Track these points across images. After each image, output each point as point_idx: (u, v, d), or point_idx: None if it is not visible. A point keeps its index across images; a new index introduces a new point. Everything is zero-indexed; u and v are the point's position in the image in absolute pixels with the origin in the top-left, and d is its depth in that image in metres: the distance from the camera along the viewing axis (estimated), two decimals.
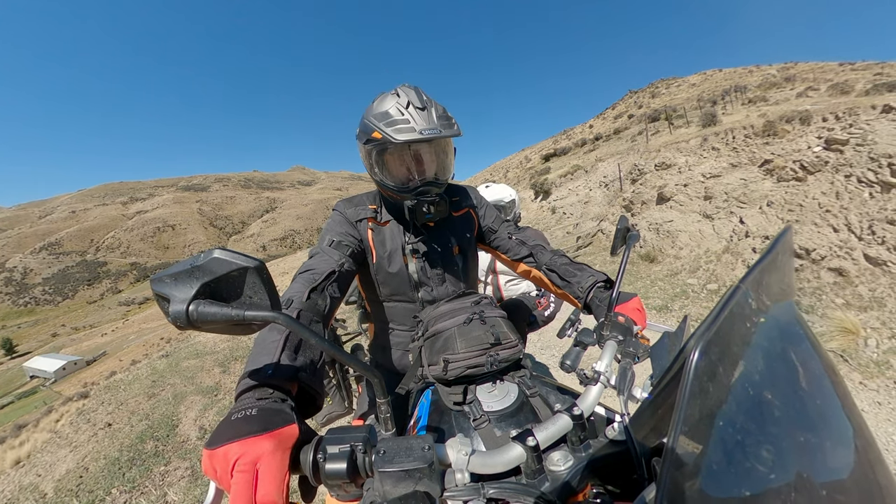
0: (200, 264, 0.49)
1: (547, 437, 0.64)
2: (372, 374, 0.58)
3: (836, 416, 0.44)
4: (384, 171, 1.12)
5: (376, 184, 1.20)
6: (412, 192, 1.11)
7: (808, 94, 15.95)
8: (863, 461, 0.42)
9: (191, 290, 0.48)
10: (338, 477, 0.52)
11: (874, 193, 5.25)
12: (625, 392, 0.67)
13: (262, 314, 0.50)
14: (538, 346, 4.82)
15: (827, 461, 0.41)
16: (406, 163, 1.12)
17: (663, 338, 0.72)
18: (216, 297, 0.50)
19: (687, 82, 49.06)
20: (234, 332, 0.53)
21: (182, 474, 3.43)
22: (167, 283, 0.49)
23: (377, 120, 1.04)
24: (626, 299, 0.96)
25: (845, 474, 0.41)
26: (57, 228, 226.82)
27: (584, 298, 1.08)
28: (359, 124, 1.13)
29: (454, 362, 0.88)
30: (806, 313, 4.36)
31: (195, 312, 0.48)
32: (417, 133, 1.00)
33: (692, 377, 0.36)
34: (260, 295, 0.52)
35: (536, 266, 1.27)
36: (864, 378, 3.21)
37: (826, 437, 0.42)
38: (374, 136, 1.04)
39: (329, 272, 0.97)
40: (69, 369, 61.18)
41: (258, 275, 0.51)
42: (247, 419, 0.52)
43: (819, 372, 0.46)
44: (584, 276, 1.12)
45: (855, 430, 0.43)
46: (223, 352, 6.88)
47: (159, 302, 0.50)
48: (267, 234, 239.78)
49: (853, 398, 0.47)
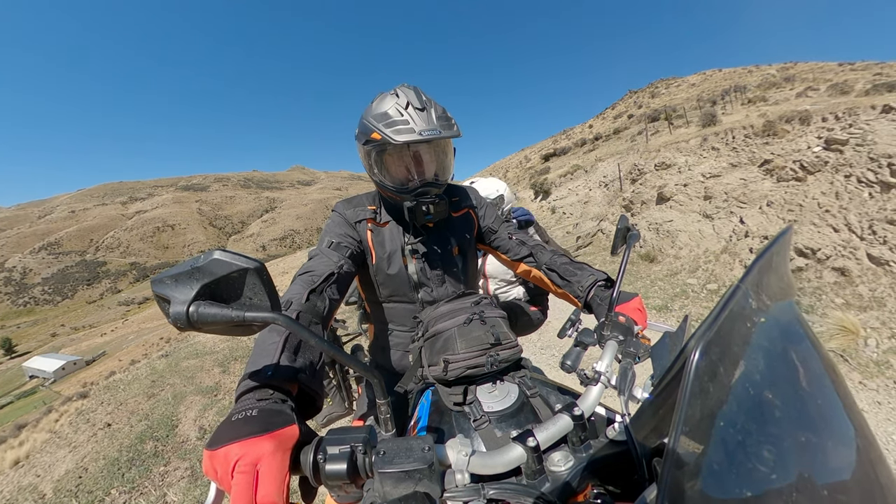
0: (201, 265, 0.49)
1: (547, 437, 0.63)
2: (372, 375, 0.58)
3: (837, 416, 0.44)
4: (383, 172, 1.12)
5: (375, 184, 1.19)
6: (411, 192, 1.10)
7: (808, 94, 15.97)
8: (864, 461, 0.42)
9: (191, 292, 0.48)
10: (338, 478, 0.52)
11: (874, 193, 5.25)
12: (625, 392, 0.66)
13: (262, 315, 0.50)
14: (538, 347, 4.81)
15: (828, 461, 0.41)
16: (405, 163, 1.11)
17: (664, 338, 0.72)
18: (216, 298, 0.50)
19: (686, 82, 49.07)
20: (234, 334, 0.53)
21: (182, 475, 3.42)
22: (168, 285, 0.49)
23: (376, 121, 1.04)
24: (627, 299, 0.96)
25: (847, 475, 0.41)
26: (56, 228, 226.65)
27: (585, 298, 1.08)
28: (358, 125, 1.12)
29: (454, 363, 0.88)
30: (806, 313, 4.37)
31: (195, 313, 0.48)
32: (417, 134, 1.00)
33: (693, 377, 0.36)
34: (260, 296, 0.52)
35: (536, 266, 1.26)
36: (863, 378, 3.21)
37: (827, 438, 0.42)
38: (373, 136, 1.04)
39: (328, 274, 0.96)
40: (68, 369, 61.16)
41: (258, 276, 0.51)
42: (247, 420, 0.52)
43: (820, 371, 0.46)
44: (585, 276, 1.11)
45: (856, 430, 0.43)
46: (223, 352, 6.87)
47: (160, 303, 0.50)
48: (266, 233, 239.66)
49: (854, 398, 0.46)
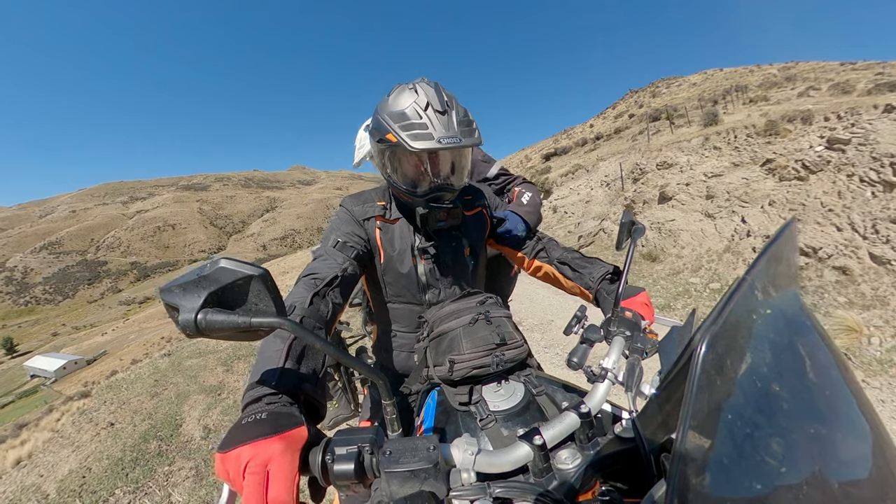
0: (207, 274, 0.51)
1: (554, 435, 0.63)
2: (377, 377, 0.59)
3: (848, 408, 0.43)
4: (396, 172, 1.08)
5: (387, 181, 1.17)
6: (424, 196, 1.07)
7: (810, 93, 15.92)
8: (879, 456, 0.41)
9: (199, 299, 0.50)
10: (346, 478, 0.53)
11: (876, 193, 5.24)
12: (633, 388, 0.66)
13: (268, 320, 0.51)
14: (541, 345, 4.81)
15: (840, 457, 0.41)
16: (420, 166, 1.07)
17: (672, 332, 0.71)
18: (223, 305, 0.52)
19: (688, 82, 48.97)
20: (241, 339, 0.55)
21: (186, 474, 3.41)
22: (176, 293, 0.51)
23: (393, 120, 0.98)
24: (634, 294, 0.96)
25: (863, 473, 0.40)
26: (57, 228, 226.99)
27: (595, 288, 1.08)
28: (372, 118, 1.08)
29: (460, 363, 0.88)
30: None
31: (203, 321, 0.49)
32: (435, 141, 0.94)
33: (699, 371, 0.35)
34: (265, 302, 0.53)
35: (548, 261, 1.27)
36: (867, 376, 3.21)
37: (836, 429, 0.41)
38: (388, 137, 0.99)
39: (332, 277, 0.94)
40: (70, 368, 61.20)
41: (263, 283, 0.52)
42: (257, 423, 0.54)
43: (827, 362, 0.46)
44: (596, 268, 1.12)
45: (868, 422, 0.42)
46: (226, 350, 6.88)
47: (169, 311, 0.51)
48: (267, 233, 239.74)
49: (861, 386, 0.45)
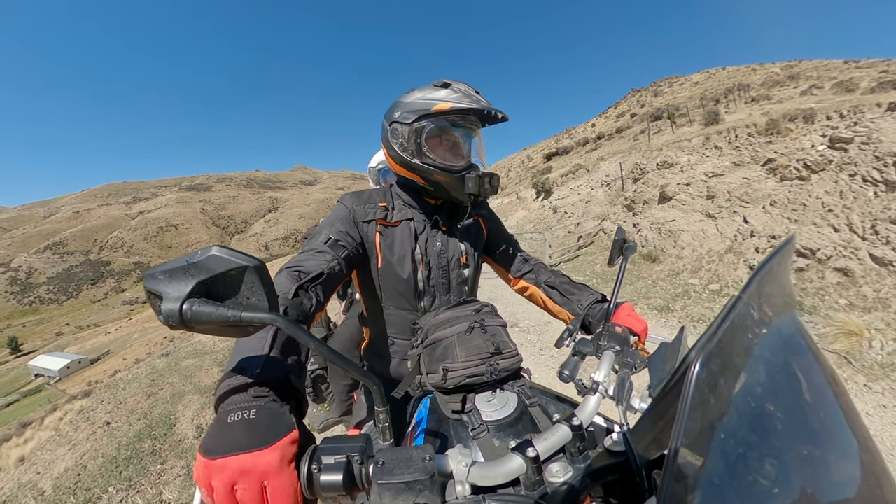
0: (197, 261, 0.47)
1: (547, 447, 0.62)
2: (371, 382, 0.56)
3: (840, 430, 0.44)
4: (434, 151, 1.08)
5: (411, 170, 1.11)
6: (461, 172, 1.09)
7: (813, 92, 15.87)
8: (869, 477, 0.41)
9: (185, 288, 0.45)
10: (333, 489, 0.49)
11: (879, 192, 5.21)
12: (623, 402, 0.66)
13: (260, 316, 0.47)
14: (537, 347, 4.81)
15: (832, 477, 0.41)
16: (459, 142, 1.13)
17: (661, 349, 0.72)
18: (212, 296, 0.47)
19: (690, 80, 48.82)
20: (228, 334, 0.50)
21: (178, 473, 3.44)
22: (161, 280, 0.46)
23: (431, 97, 1.04)
24: (616, 308, 0.97)
25: (851, 492, 0.40)
26: (61, 228, 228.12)
27: (584, 316, 1.09)
28: (391, 115, 1.10)
29: (454, 371, 0.87)
30: (808, 314, 4.33)
31: (189, 311, 0.45)
32: (483, 105, 1.03)
33: (693, 389, 0.35)
34: (258, 296, 0.49)
35: (536, 283, 1.28)
36: (868, 380, 3.19)
37: (830, 451, 0.41)
38: (435, 109, 1.03)
39: (318, 273, 0.90)
40: (73, 368, 61.49)
41: (257, 275, 0.48)
42: (246, 424, 0.48)
43: (822, 383, 0.46)
44: (584, 295, 1.14)
45: (860, 444, 0.43)
46: (222, 351, 6.90)
47: (151, 300, 0.46)
48: (269, 233, 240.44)
49: (856, 409, 0.46)
